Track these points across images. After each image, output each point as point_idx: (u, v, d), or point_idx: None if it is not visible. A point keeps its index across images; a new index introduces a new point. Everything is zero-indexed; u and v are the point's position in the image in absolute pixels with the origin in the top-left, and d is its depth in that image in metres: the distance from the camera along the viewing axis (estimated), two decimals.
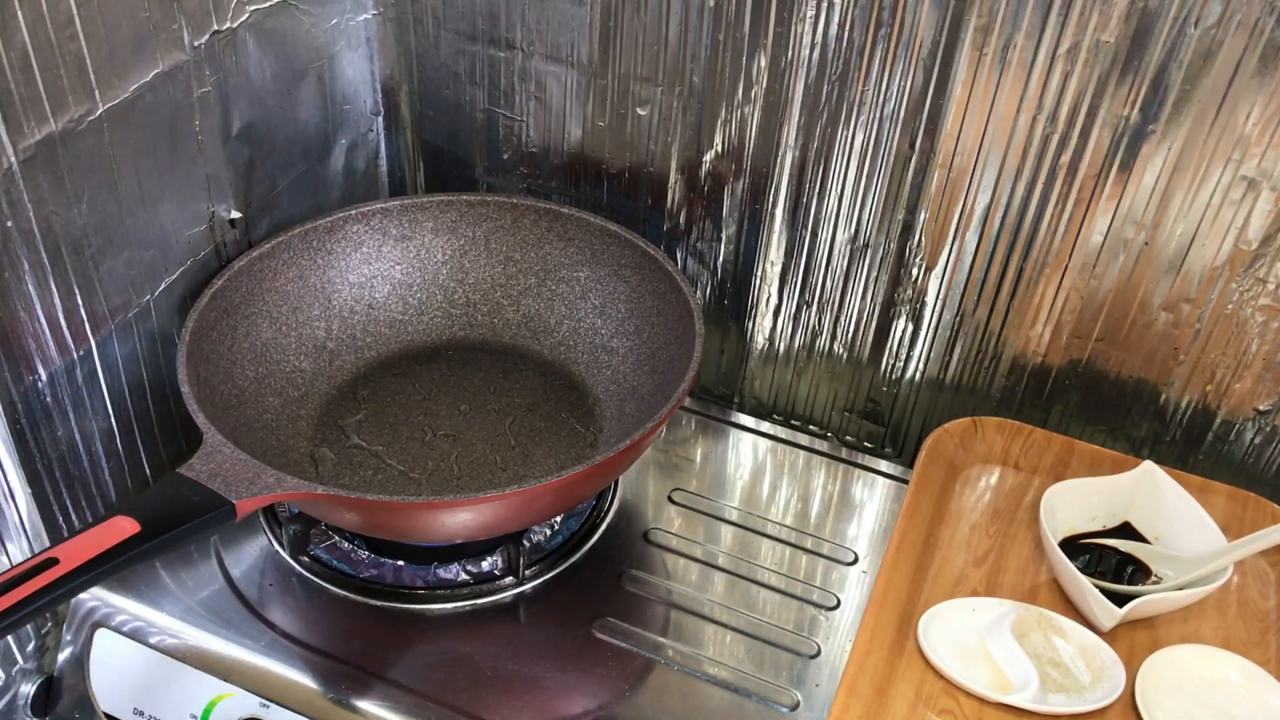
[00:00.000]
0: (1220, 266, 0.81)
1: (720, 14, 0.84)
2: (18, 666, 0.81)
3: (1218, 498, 0.86)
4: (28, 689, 0.81)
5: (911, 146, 0.85)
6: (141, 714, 0.79)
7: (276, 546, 0.85)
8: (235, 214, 0.88)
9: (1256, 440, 0.88)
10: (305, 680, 0.77)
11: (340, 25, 0.94)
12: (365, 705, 0.75)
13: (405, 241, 0.96)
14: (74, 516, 0.81)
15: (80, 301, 0.76)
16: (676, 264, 0.95)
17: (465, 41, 0.95)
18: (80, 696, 0.81)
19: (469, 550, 0.84)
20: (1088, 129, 0.79)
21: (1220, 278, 0.81)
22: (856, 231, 0.90)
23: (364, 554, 0.85)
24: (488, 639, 0.80)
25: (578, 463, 0.85)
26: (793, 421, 1.03)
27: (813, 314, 0.97)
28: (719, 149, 0.91)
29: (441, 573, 0.83)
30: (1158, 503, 0.83)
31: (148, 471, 0.87)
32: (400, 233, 0.96)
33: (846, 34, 0.82)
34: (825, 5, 0.81)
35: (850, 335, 0.96)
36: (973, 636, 0.76)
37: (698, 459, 0.97)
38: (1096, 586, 0.76)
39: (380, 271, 0.96)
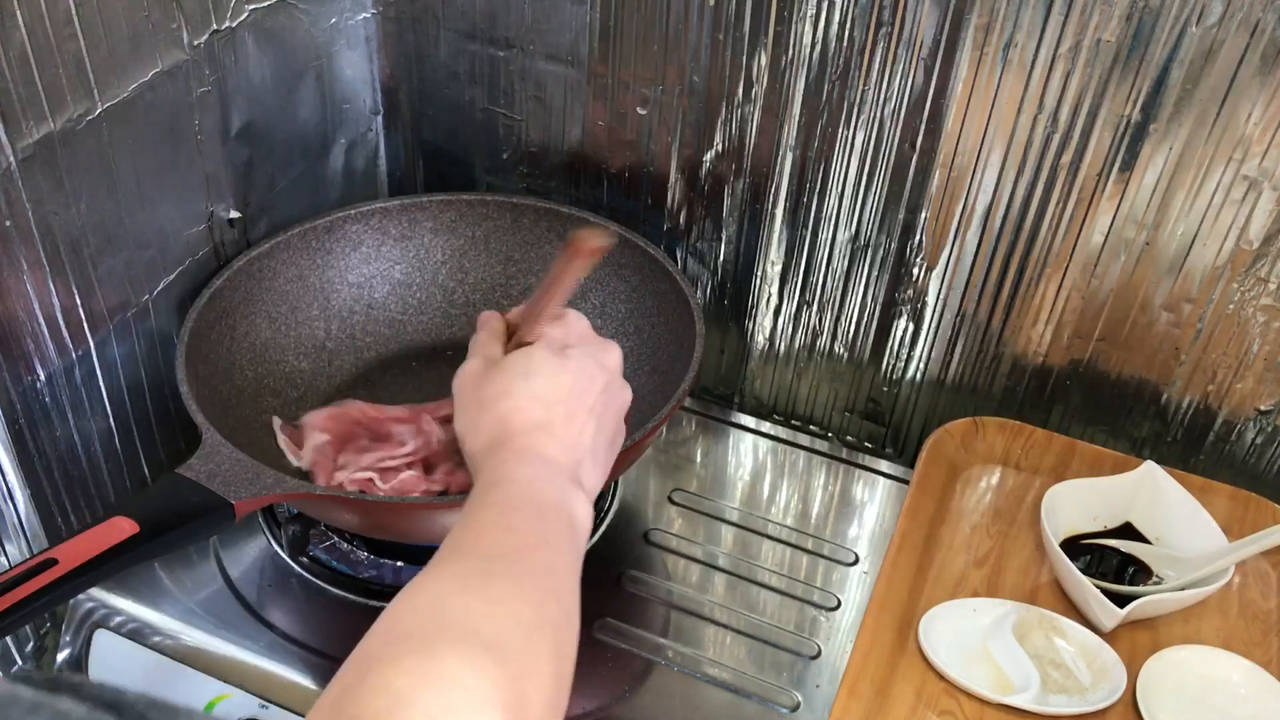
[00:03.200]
0: (1221, 266, 0.81)
1: (720, 13, 0.84)
2: (16, 667, 0.81)
3: (1219, 498, 0.86)
4: None
5: (912, 146, 0.84)
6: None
7: (276, 547, 0.85)
8: (234, 214, 0.88)
9: (1258, 440, 0.88)
10: (305, 681, 0.76)
11: (339, 24, 0.94)
12: None
13: (405, 241, 0.96)
14: (73, 517, 0.81)
15: (79, 301, 0.76)
16: (676, 264, 0.95)
17: (465, 41, 0.95)
18: None
19: None
20: (1089, 129, 0.79)
21: (1221, 278, 0.81)
22: (857, 231, 0.90)
23: (363, 554, 0.85)
24: None
25: None
26: (793, 422, 1.03)
27: (813, 314, 0.96)
28: (719, 149, 0.91)
29: None
30: (1159, 503, 0.83)
31: (146, 472, 0.87)
32: (400, 232, 0.96)
33: (847, 33, 0.81)
34: (826, 4, 0.81)
35: (851, 335, 0.96)
36: (974, 637, 0.76)
37: (698, 459, 0.97)
38: (1097, 587, 0.76)
39: (379, 271, 0.96)
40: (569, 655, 0.51)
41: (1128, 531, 0.84)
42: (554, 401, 0.61)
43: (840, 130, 0.86)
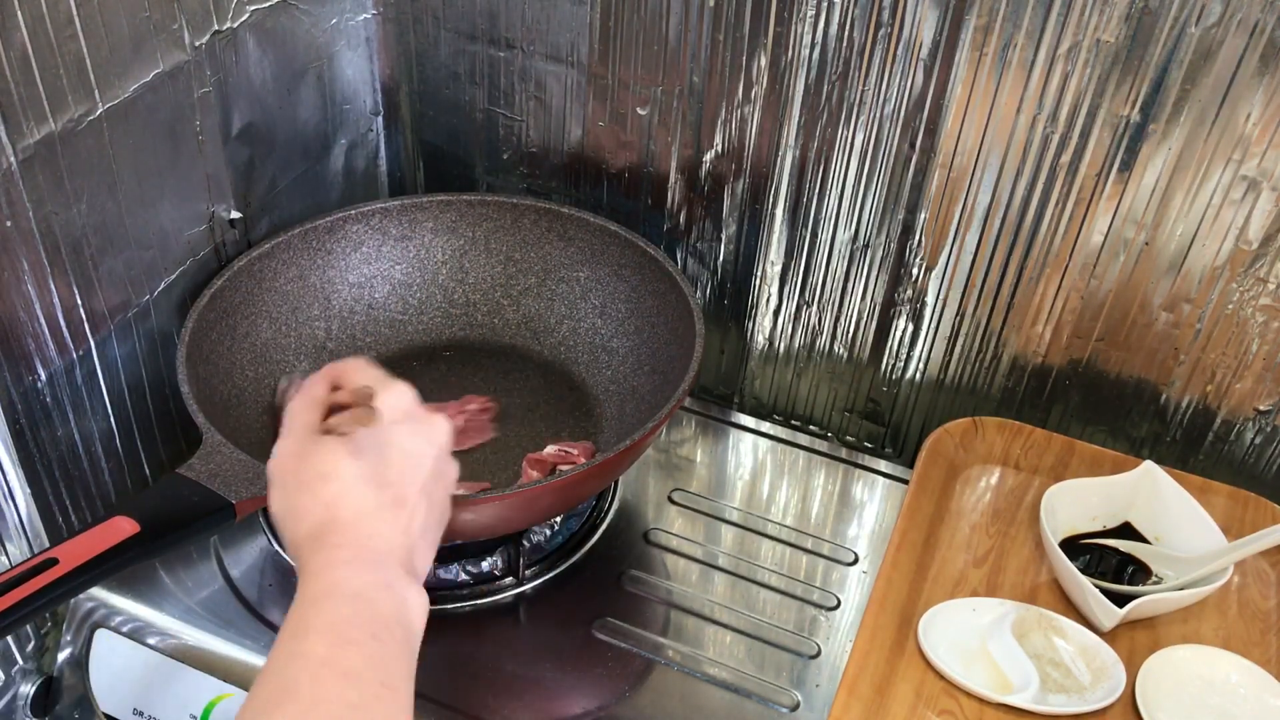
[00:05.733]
0: (1221, 266, 0.81)
1: (720, 14, 0.84)
2: (17, 667, 0.81)
3: (1218, 498, 0.86)
4: (27, 689, 0.81)
5: (912, 146, 0.85)
6: (141, 714, 0.79)
7: (276, 547, 0.85)
8: (235, 214, 0.88)
9: (1257, 440, 0.88)
10: None
11: (340, 25, 0.94)
12: None
13: (405, 241, 0.96)
14: (74, 517, 0.81)
15: (80, 301, 0.76)
16: (676, 264, 0.95)
17: (465, 41, 0.95)
18: (80, 697, 0.81)
19: (469, 551, 0.84)
20: (1088, 129, 0.79)
21: (1220, 278, 0.81)
22: (856, 231, 0.90)
23: None
24: (488, 639, 0.80)
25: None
26: (793, 421, 1.03)
27: (813, 314, 0.97)
28: (719, 149, 0.91)
29: (441, 573, 0.83)
30: (1158, 503, 0.83)
31: (147, 471, 0.87)
32: (400, 233, 0.96)
33: (846, 34, 0.81)
34: (825, 5, 0.81)
35: (850, 335, 0.96)
36: (973, 637, 0.76)
37: (698, 459, 0.97)
38: (1097, 587, 0.76)
39: (380, 271, 0.96)
40: None
41: (1127, 531, 0.84)
42: (383, 484, 0.57)
43: (840, 130, 0.86)
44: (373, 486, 0.56)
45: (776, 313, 0.98)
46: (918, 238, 0.88)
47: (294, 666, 0.49)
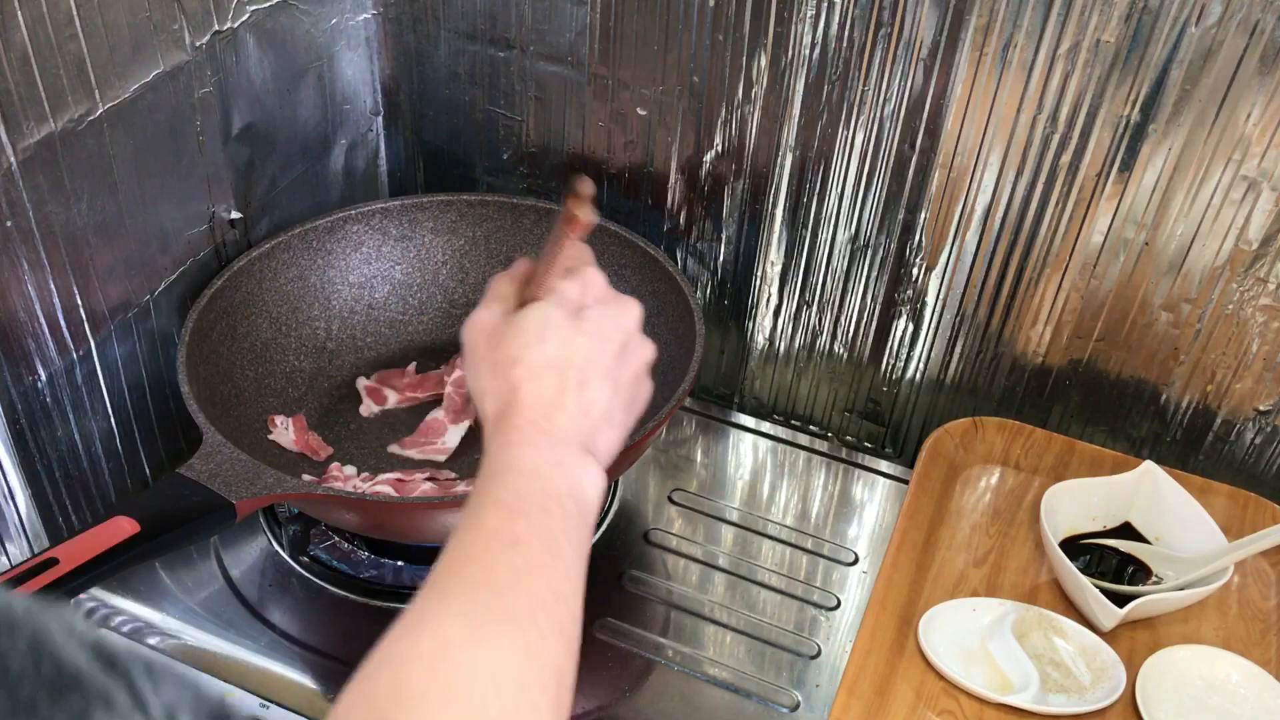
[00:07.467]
0: (1221, 266, 0.81)
1: (720, 14, 0.84)
2: None
3: (1218, 498, 0.86)
4: None
5: (912, 146, 0.85)
6: None
7: (276, 547, 0.85)
8: (235, 214, 0.88)
9: (1257, 440, 0.88)
10: (305, 680, 0.77)
11: (340, 25, 0.94)
12: None
13: (405, 241, 0.96)
14: (74, 517, 0.81)
15: (80, 301, 0.76)
16: (676, 264, 0.95)
17: (465, 41, 0.95)
18: None
19: None
20: (1088, 129, 0.79)
21: (1221, 278, 0.81)
22: (856, 231, 0.90)
23: (364, 554, 0.85)
24: None
25: None
26: (793, 421, 1.03)
27: (813, 314, 0.96)
28: (719, 149, 0.91)
29: None
30: (1158, 503, 0.83)
31: (147, 471, 0.87)
32: (400, 233, 0.96)
33: (847, 34, 0.81)
34: (825, 5, 0.81)
35: (850, 335, 0.96)
36: (973, 637, 0.76)
37: (698, 459, 0.97)
38: (1097, 587, 0.76)
39: (380, 271, 0.96)
40: (569, 689, 0.51)
41: (1127, 531, 0.84)
42: (567, 368, 0.59)
43: (840, 130, 0.86)
44: (555, 371, 0.58)
45: (776, 313, 0.98)
46: (918, 238, 0.88)
47: (469, 537, 0.53)
